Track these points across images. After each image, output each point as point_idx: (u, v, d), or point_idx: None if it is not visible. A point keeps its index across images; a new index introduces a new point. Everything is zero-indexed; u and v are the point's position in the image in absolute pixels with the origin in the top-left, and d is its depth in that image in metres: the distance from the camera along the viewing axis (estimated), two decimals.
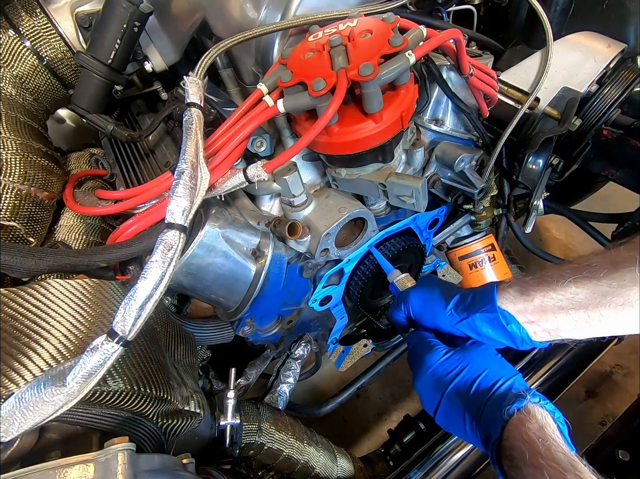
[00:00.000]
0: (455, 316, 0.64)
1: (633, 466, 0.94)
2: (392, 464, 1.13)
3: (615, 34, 0.91)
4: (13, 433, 0.43)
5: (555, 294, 0.56)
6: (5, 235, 0.70)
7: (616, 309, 0.51)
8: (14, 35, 0.78)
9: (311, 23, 0.71)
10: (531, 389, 0.57)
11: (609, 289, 0.52)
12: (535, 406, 0.54)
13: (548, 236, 2.11)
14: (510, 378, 0.59)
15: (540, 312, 0.58)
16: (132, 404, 0.54)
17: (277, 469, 1.00)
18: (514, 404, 0.54)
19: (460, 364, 0.62)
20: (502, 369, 0.61)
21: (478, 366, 0.61)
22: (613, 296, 0.51)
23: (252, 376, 1.05)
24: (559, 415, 0.55)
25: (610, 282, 0.52)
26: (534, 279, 0.59)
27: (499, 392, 0.57)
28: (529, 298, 0.58)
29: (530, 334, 0.60)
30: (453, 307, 0.65)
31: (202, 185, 0.56)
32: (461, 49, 0.70)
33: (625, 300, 0.51)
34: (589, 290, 0.53)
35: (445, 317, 0.65)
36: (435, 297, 0.68)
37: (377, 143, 0.64)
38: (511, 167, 0.99)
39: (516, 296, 0.60)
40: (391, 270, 0.83)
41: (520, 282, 0.61)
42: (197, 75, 0.65)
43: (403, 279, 0.80)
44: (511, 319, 0.59)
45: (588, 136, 0.89)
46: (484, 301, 0.61)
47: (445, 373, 0.62)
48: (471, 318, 0.62)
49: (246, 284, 0.75)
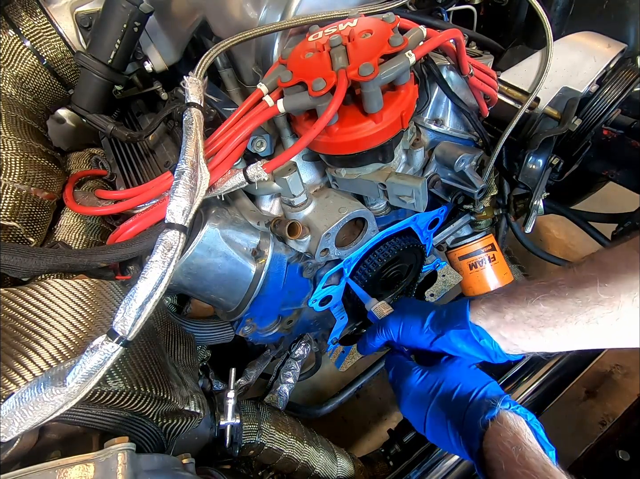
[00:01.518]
0: (432, 334, 0.66)
1: (633, 466, 0.94)
2: (392, 464, 1.13)
3: (615, 34, 0.91)
4: (13, 433, 0.43)
5: (525, 312, 0.58)
6: (5, 235, 0.70)
7: (582, 326, 0.54)
8: (14, 35, 0.78)
9: (311, 23, 0.71)
10: (503, 395, 0.60)
11: (574, 308, 0.54)
12: (507, 412, 0.57)
13: (548, 236, 2.11)
14: (484, 387, 0.61)
15: (511, 328, 0.60)
16: (132, 404, 0.54)
17: (277, 469, 1.00)
18: (487, 414, 0.57)
19: (437, 381, 0.64)
20: (476, 379, 0.63)
21: (453, 380, 0.63)
22: (578, 314, 0.54)
23: (252, 376, 1.05)
24: (532, 417, 0.57)
25: (575, 300, 0.54)
26: (506, 296, 0.61)
27: (474, 403, 0.60)
28: (501, 315, 0.60)
29: (503, 348, 0.62)
30: (429, 324, 0.67)
31: (202, 185, 0.56)
32: (461, 49, 0.70)
33: (589, 317, 0.53)
34: (556, 308, 0.56)
35: (422, 335, 0.68)
36: (412, 318, 0.71)
37: (377, 143, 0.64)
38: (511, 167, 0.99)
39: (489, 313, 0.62)
40: (368, 299, 0.86)
41: (493, 299, 0.63)
42: (197, 75, 0.65)
43: (380, 307, 0.83)
44: (483, 334, 0.61)
45: (588, 136, 0.89)
46: (457, 317, 0.64)
47: (424, 392, 0.65)
48: (446, 335, 0.64)
49: (246, 284, 0.75)
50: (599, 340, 0.55)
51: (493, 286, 1.12)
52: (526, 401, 1.10)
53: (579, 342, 0.56)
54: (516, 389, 1.12)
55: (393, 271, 0.94)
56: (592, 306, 0.53)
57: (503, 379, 1.15)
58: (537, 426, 0.57)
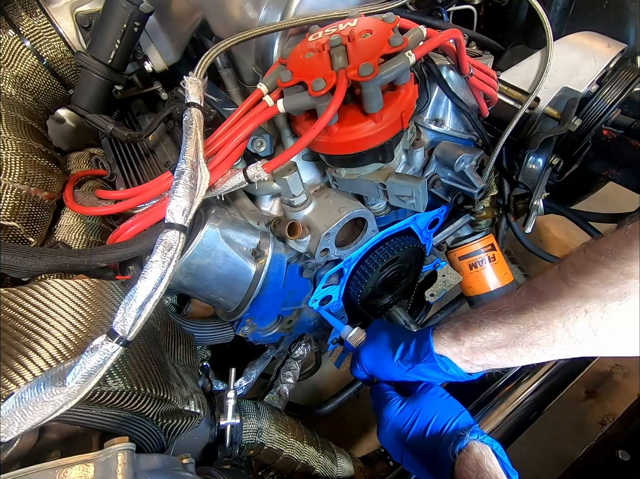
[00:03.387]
0: (402, 367, 0.73)
1: (633, 466, 0.94)
2: (392, 464, 1.13)
3: (615, 34, 0.91)
4: (13, 433, 0.43)
5: (479, 338, 0.66)
6: (5, 235, 0.70)
7: (527, 347, 0.61)
8: (14, 35, 0.78)
9: (311, 23, 0.71)
10: (473, 424, 0.67)
11: (518, 332, 0.61)
12: (475, 442, 0.63)
13: (548, 236, 2.11)
14: (456, 419, 0.68)
15: (471, 353, 0.67)
16: (132, 404, 0.54)
17: (277, 469, 1.00)
18: (457, 445, 0.63)
19: (413, 413, 0.71)
20: (449, 410, 0.70)
21: (428, 412, 0.70)
22: (523, 337, 0.61)
23: (252, 376, 1.05)
24: (497, 446, 0.64)
25: (518, 326, 0.61)
26: (462, 325, 0.69)
27: (446, 435, 0.66)
28: (460, 342, 0.68)
29: (467, 371, 0.70)
30: (399, 358, 0.74)
31: (202, 185, 0.56)
32: (461, 49, 0.70)
33: (532, 340, 0.60)
34: (503, 333, 0.63)
35: (394, 368, 0.74)
36: (382, 351, 0.77)
37: (377, 143, 0.64)
38: (511, 167, 0.98)
39: (450, 341, 0.69)
40: (342, 327, 0.88)
41: (451, 328, 0.70)
42: (197, 75, 0.65)
43: (355, 335, 0.85)
44: (449, 363, 0.69)
45: (588, 136, 0.89)
46: (424, 350, 0.71)
47: (402, 424, 0.71)
48: (416, 367, 0.72)
49: (246, 284, 0.75)
50: (542, 356, 0.62)
51: (493, 286, 1.12)
52: (526, 401, 1.10)
53: (527, 360, 0.64)
54: (516, 390, 1.11)
55: (393, 271, 0.94)
56: (532, 330, 0.60)
57: (503, 379, 1.15)
58: (501, 454, 0.63)
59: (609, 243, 0.53)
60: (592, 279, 0.53)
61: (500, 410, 1.08)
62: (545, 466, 1.27)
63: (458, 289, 1.20)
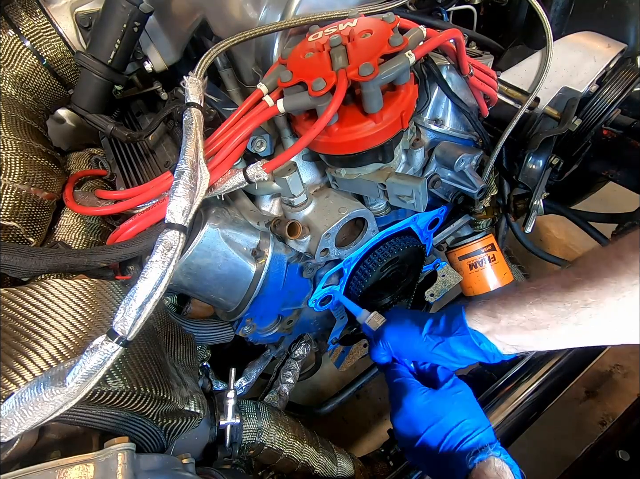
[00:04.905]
0: (431, 341, 0.69)
1: (633, 466, 0.94)
2: (392, 464, 1.13)
3: (615, 34, 0.91)
4: (13, 433, 0.43)
5: (518, 316, 0.62)
6: (5, 235, 0.70)
7: (572, 327, 0.58)
8: (14, 35, 0.78)
9: (311, 23, 0.71)
10: (495, 441, 0.65)
11: (564, 311, 0.58)
12: (496, 458, 0.62)
13: (548, 236, 2.11)
14: (481, 433, 0.65)
15: (506, 332, 0.64)
16: (132, 404, 0.54)
17: (277, 469, 1.00)
18: (478, 456, 0.61)
19: (440, 411, 0.67)
20: (477, 420, 0.67)
21: (456, 416, 0.66)
22: (568, 316, 0.57)
23: (252, 376, 1.05)
24: (517, 469, 0.62)
25: (564, 304, 0.58)
26: (499, 301, 0.65)
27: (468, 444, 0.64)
28: (496, 320, 0.64)
29: (500, 350, 0.66)
30: (428, 332, 0.70)
31: (202, 185, 0.56)
32: (461, 49, 0.70)
33: (579, 319, 0.57)
34: (547, 312, 0.59)
35: (422, 343, 0.70)
36: (408, 327, 0.72)
37: (377, 143, 0.64)
38: (511, 167, 0.98)
39: (484, 318, 0.65)
40: (360, 312, 0.84)
41: (486, 305, 0.66)
42: (197, 75, 0.65)
43: (373, 319, 0.81)
44: (482, 338, 0.65)
45: (588, 136, 0.89)
46: (455, 324, 0.67)
47: (423, 419, 0.67)
48: (446, 341, 0.67)
49: (246, 284, 0.75)
50: (587, 339, 0.59)
51: (493, 286, 1.12)
52: (526, 401, 1.10)
53: (569, 342, 0.61)
54: (516, 390, 1.11)
55: (393, 271, 0.94)
56: (580, 309, 0.56)
57: (503, 379, 1.15)
58: (517, 475, 0.62)
59: None
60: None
61: (500, 410, 1.08)
62: (545, 466, 1.27)
63: (458, 289, 1.20)
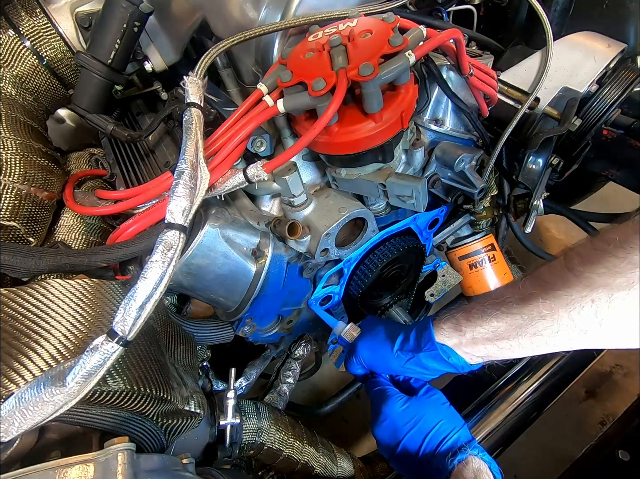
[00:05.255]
0: (402, 357, 0.72)
1: (633, 466, 0.94)
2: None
3: (615, 34, 0.91)
4: (13, 433, 0.43)
5: (481, 329, 0.65)
6: (5, 235, 0.70)
7: (530, 337, 0.60)
8: (14, 35, 0.78)
9: (311, 23, 0.71)
10: (472, 440, 0.68)
11: (522, 322, 0.60)
12: (474, 457, 0.65)
13: (548, 236, 2.11)
14: (457, 432, 0.68)
15: (472, 344, 0.67)
16: (132, 404, 0.54)
17: (277, 469, 1.00)
18: (457, 456, 0.64)
19: (416, 416, 0.70)
20: (452, 421, 0.70)
21: (432, 418, 0.70)
22: (526, 327, 0.60)
23: (252, 376, 1.05)
24: (495, 466, 0.66)
25: (522, 316, 0.60)
26: (464, 315, 0.68)
27: (447, 445, 0.67)
28: (461, 333, 0.67)
29: (468, 361, 0.69)
30: (399, 348, 0.73)
31: (202, 185, 0.56)
32: (461, 49, 0.70)
33: (536, 330, 0.59)
34: (507, 323, 0.62)
35: (393, 359, 0.73)
36: (380, 343, 0.75)
37: (377, 143, 0.64)
38: (511, 167, 0.98)
39: (451, 332, 0.68)
40: (335, 323, 0.86)
41: (452, 319, 0.69)
42: (197, 75, 0.65)
43: (349, 331, 0.83)
44: (450, 352, 0.68)
45: (588, 136, 0.89)
46: (424, 339, 0.70)
47: (401, 424, 0.70)
48: (416, 357, 0.70)
49: (246, 284, 0.75)
50: (547, 348, 0.61)
51: (493, 286, 1.12)
52: (526, 401, 1.10)
53: (529, 351, 0.63)
54: (516, 390, 1.11)
55: (393, 271, 0.94)
56: (536, 321, 0.59)
57: (503, 378, 1.15)
58: (496, 472, 0.65)
59: (616, 233, 0.53)
60: (600, 268, 0.53)
61: (501, 410, 1.08)
62: (545, 466, 1.27)
63: (458, 289, 1.20)
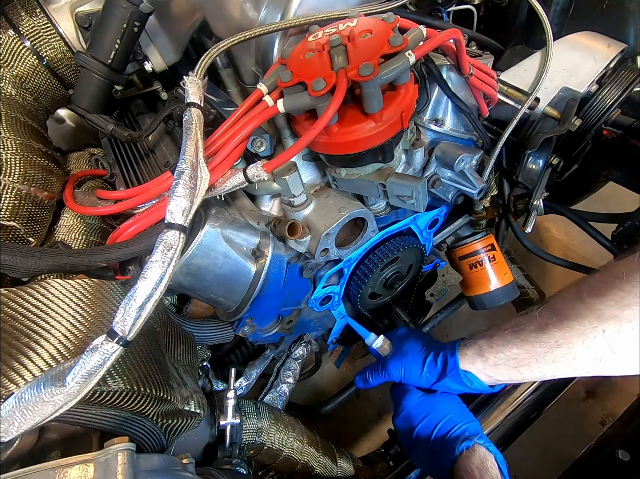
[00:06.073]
0: (430, 379, 0.79)
1: (633, 466, 0.94)
2: (392, 464, 1.13)
3: (615, 34, 0.91)
4: (13, 433, 0.43)
5: (503, 355, 0.70)
6: (5, 235, 0.70)
7: (549, 364, 0.65)
8: (14, 35, 0.78)
9: (311, 23, 0.71)
10: (481, 432, 0.74)
11: (541, 350, 0.65)
12: (480, 446, 0.70)
13: (548, 236, 2.11)
14: (467, 424, 0.74)
15: (494, 369, 0.72)
16: (132, 404, 0.54)
17: (277, 470, 1.00)
18: (464, 443, 0.70)
19: (429, 407, 0.78)
20: (462, 415, 0.77)
21: (443, 410, 0.77)
22: (545, 355, 0.65)
23: (252, 376, 1.05)
24: (500, 456, 0.70)
25: (540, 344, 0.65)
26: (485, 341, 0.74)
27: (456, 432, 0.73)
28: (484, 359, 0.73)
29: (488, 384, 0.75)
30: (427, 371, 0.80)
31: (202, 185, 0.56)
32: (461, 49, 0.70)
33: (554, 357, 0.64)
34: (527, 351, 0.67)
35: (421, 381, 0.81)
36: (409, 363, 0.82)
37: (377, 143, 0.64)
38: (511, 167, 0.98)
39: (474, 358, 0.74)
40: (367, 335, 0.92)
41: (475, 346, 0.75)
42: (197, 75, 0.65)
43: (384, 345, 0.90)
44: (473, 378, 0.74)
45: (588, 136, 0.89)
46: (449, 366, 0.76)
47: (416, 414, 0.78)
48: (442, 381, 0.77)
49: (246, 284, 0.75)
50: (563, 372, 0.66)
51: (493, 286, 1.12)
52: (526, 400, 1.10)
53: (548, 375, 0.68)
54: (516, 390, 1.11)
55: (393, 271, 0.94)
56: (554, 349, 0.64)
57: None
58: (501, 462, 0.70)
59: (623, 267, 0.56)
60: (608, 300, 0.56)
61: (501, 410, 1.08)
62: (545, 466, 1.27)
63: (458, 289, 1.20)
